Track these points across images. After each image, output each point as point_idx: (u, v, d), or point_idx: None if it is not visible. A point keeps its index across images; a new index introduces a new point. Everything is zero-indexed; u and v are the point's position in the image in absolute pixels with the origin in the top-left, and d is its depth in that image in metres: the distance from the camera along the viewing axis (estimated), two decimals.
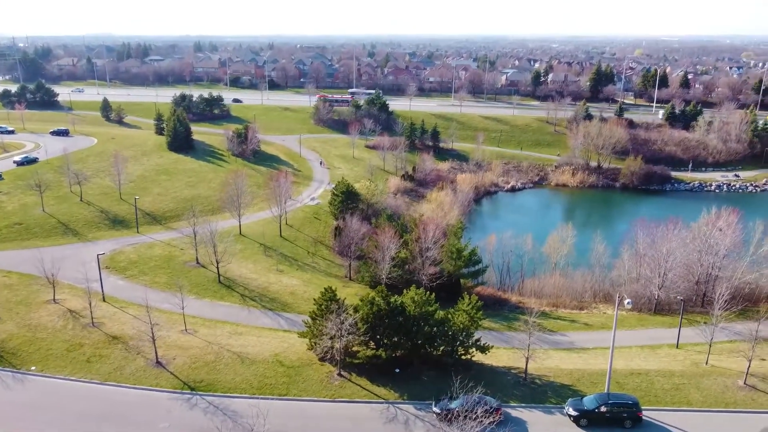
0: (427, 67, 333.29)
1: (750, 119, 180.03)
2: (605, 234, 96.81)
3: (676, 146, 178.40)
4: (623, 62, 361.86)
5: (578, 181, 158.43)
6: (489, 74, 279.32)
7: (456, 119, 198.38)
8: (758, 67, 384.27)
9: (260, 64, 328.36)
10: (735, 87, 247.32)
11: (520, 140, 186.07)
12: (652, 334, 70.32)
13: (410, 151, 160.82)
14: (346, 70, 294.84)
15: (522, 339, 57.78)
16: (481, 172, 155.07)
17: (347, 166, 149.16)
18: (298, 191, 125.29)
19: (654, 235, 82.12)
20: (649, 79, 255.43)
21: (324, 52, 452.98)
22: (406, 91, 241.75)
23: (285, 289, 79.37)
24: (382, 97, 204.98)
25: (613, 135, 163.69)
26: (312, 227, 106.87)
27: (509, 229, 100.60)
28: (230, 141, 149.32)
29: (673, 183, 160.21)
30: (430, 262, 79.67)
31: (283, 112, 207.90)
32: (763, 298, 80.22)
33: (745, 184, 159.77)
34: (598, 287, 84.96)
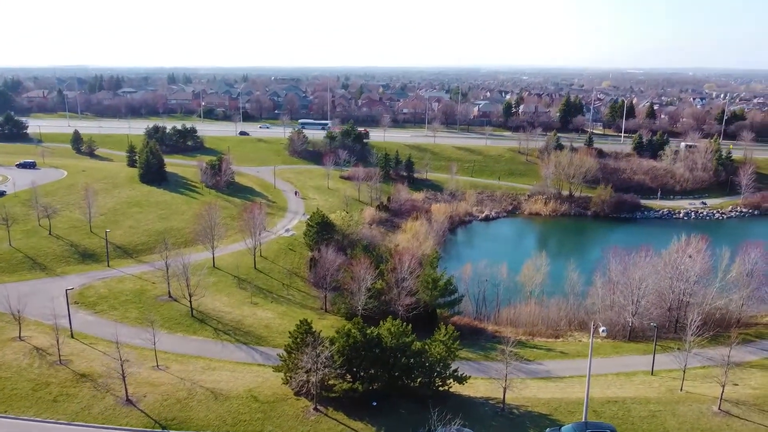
0: (401, 98, 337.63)
1: (714, 148, 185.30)
2: (578, 262, 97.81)
3: (645, 175, 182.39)
4: (591, 94, 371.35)
5: (551, 210, 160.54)
6: (461, 106, 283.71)
7: (430, 150, 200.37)
8: (720, 98, 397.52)
9: (234, 96, 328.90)
10: (699, 117, 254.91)
11: (493, 170, 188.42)
12: (627, 361, 70.74)
13: (385, 182, 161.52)
14: (320, 102, 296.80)
15: (499, 369, 57.59)
16: (456, 202, 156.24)
17: (322, 197, 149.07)
18: (273, 222, 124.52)
19: (626, 262, 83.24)
20: (616, 110, 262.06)
21: (298, 84, 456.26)
22: (380, 122, 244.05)
23: (259, 322, 78.20)
24: (357, 128, 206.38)
25: (584, 164, 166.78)
26: (287, 259, 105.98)
27: (484, 258, 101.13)
28: (204, 173, 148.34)
29: (643, 211, 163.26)
30: (406, 293, 79.41)
31: (258, 144, 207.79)
32: (734, 323, 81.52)
33: (712, 211, 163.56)
34: (573, 315, 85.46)
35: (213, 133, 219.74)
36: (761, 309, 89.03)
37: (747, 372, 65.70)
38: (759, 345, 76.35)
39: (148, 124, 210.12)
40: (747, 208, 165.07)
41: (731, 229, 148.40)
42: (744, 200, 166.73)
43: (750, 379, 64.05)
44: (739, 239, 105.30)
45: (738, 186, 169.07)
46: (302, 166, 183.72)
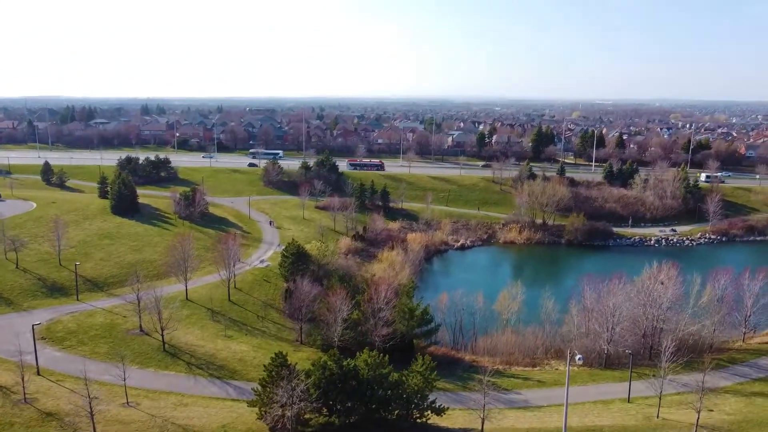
0: (376, 129, 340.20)
1: (682, 177, 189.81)
2: (554, 290, 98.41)
3: (616, 203, 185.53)
4: (562, 124, 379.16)
5: (525, 238, 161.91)
6: (436, 136, 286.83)
7: (405, 179, 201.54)
8: (686, 128, 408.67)
9: (209, 127, 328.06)
10: (666, 147, 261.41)
11: (467, 199, 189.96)
12: (603, 389, 70.87)
13: (360, 212, 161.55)
14: (295, 133, 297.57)
15: (477, 399, 57.20)
16: (431, 231, 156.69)
17: (297, 228, 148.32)
18: (248, 254, 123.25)
19: (600, 290, 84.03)
20: (587, 140, 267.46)
21: (273, 115, 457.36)
22: (355, 152, 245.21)
23: (234, 355, 76.74)
24: (332, 158, 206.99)
25: (556, 193, 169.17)
26: (262, 290, 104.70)
27: (461, 287, 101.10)
28: (177, 204, 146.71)
29: (615, 238, 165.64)
30: (383, 323, 78.83)
31: (232, 174, 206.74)
32: (707, 349, 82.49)
33: (682, 238, 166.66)
34: (549, 343, 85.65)
35: (187, 163, 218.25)
36: (732, 334, 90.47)
37: (721, 398, 66.28)
38: (732, 370, 77.31)
39: (121, 155, 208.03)
40: (715, 234, 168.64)
41: (701, 255, 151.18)
42: (712, 227, 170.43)
43: (725, 405, 64.61)
44: (708, 265, 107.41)
45: (706, 213, 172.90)
46: (277, 196, 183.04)
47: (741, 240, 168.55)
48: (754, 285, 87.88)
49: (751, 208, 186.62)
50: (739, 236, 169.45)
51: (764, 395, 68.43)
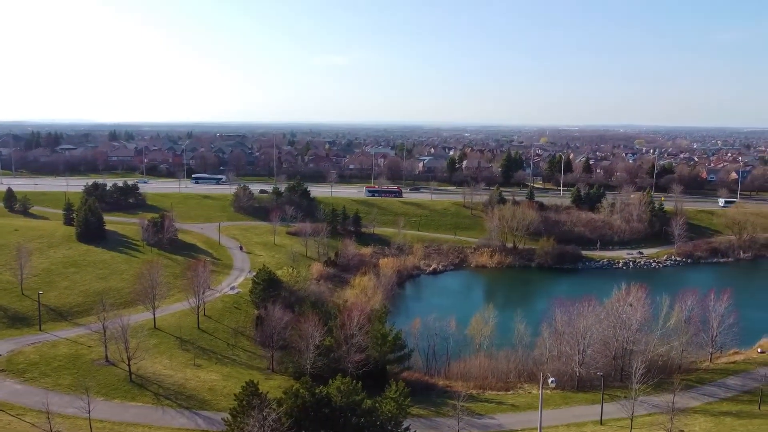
0: (347, 154, 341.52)
1: (647, 200, 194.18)
2: (525, 313, 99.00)
3: (584, 227, 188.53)
4: (530, 149, 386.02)
5: (496, 262, 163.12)
6: (407, 161, 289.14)
7: (377, 205, 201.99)
8: (650, 153, 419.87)
9: (178, 153, 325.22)
10: (632, 171, 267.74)
11: (439, 224, 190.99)
12: (576, 412, 71.12)
13: (332, 237, 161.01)
14: (266, 158, 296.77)
15: (451, 425, 56.91)
16: (403, 256, 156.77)
17: (268, 254, 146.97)
18: (218, 280, 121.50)
19: (571, 312, 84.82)
20: (555, 165, 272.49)
21: (244, 141, 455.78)
22: (327, 178, 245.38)
23: (203, 385, 75.06)
24: (303, 184, 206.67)
25: (526, 217, 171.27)
26: (232, 317, 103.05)
27: (433, 311, 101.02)
28: (145, 230, 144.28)
29: (584, 261, 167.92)
30: (356, 349, 78.18)
31: (202, 200, 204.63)
32: (676, 370, 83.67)
33: (649, 260, 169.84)
34: (522, 367, 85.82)
35: (156, 189, 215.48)
36: (700, 354, 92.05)
37: (691, 418, 67.06)
38: (700, 390, 78.45)
39: (88, 181, 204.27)
40: (681, 256, 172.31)
41: (667, 277, 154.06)
42: (677, 249, 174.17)
43: (694, 425, 65.35)
44: (675, 287, 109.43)
45: (671, 236, 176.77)
46: (248, 222, 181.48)
47: (705, 262, 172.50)
48: (720, 306, 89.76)
49: (714, 231, 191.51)
50: (703, 258, 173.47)
51: (732, 414, 69.45)
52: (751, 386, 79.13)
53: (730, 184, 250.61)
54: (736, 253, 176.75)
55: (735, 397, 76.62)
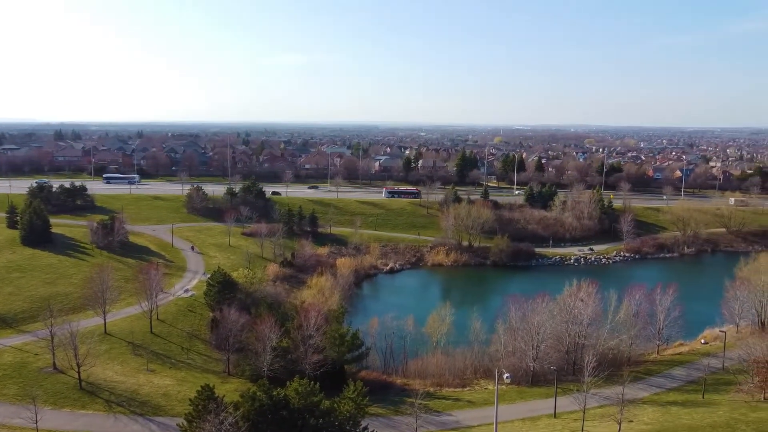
0: (303, 154, 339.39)
1: (597, 198, 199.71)
2: (481, 310, 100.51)
3: (537, 224, 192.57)
4: (485, 149, 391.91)
5: (452, 261, 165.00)
6: (363, 161, 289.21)
7: (333, 204, 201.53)
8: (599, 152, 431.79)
9: (128, 153, 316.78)
10: (582, 170, 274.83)
11: (395, 223, 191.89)
12: (531, 406, 72.66)
13: (289, 238, 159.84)
14: (220, 158, 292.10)
15: (409, 423, 57.38)
16: (360, 256, 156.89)
17: (223, 255, 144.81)
18: (171, 283, 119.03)
19: (525, 309, 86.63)
20: (508, 164, 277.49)
21: (197, 140, 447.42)
22: (282, 178, 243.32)
23: (157, 390, 73.46)
24: (258, 184, 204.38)
25: (481, 216, 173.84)
26: (186, 321, 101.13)
27: (391, 311, 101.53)
28: (94, 233, 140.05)
29: (537, 258, 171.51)
30: (314, 350, 77.90)
31: (154, 201, 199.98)
32: (625, 362, 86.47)
33: (599, 257, 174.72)
34: (478, 363, 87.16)
35: (105, 191, 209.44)
36: (648, 347, 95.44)
37: (640, 408, 69.39)
38: (648, 381, 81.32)
39: (32, 182, 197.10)
40: (629, 253, 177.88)
41: (617, 272, 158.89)
42: (626, 245, 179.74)
43: (643, 415, 67.64)
44: (624, 282, 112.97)
45: (620, 233, 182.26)
46: (202, 223, 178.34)
47: (652, 257, 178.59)
48: (666, 299, 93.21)
49: (660, 227, 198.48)
50: (650, 254, 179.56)
51: (678, 404, 72.22)
52: (695, 376, 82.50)
53: (675, 182, 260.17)
54: (680, 248, 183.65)
55: (680, 387, 79.72)
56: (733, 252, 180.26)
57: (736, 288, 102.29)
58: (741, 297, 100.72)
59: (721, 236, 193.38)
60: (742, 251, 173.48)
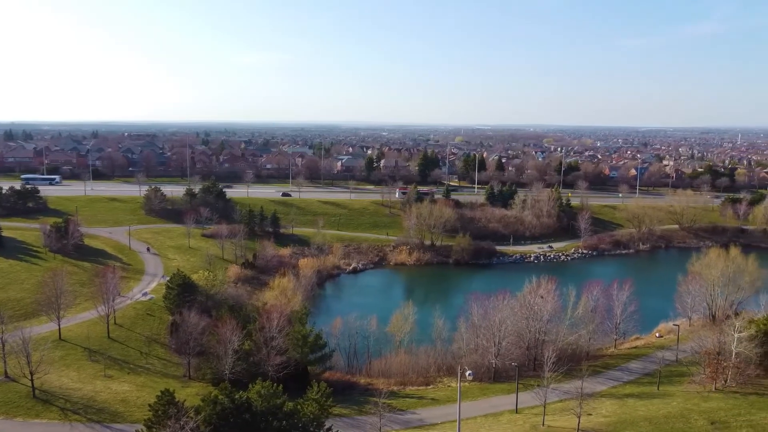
0: (264, 154, 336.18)
1: (555, 197, 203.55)
2: (444, 309, 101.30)
3: (498, 223, 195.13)
4: (446, 148, 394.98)
5: (415, 260, 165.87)
6: (325, 161, 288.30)
7: (295, 205, 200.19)
8: (557, 151, 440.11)
9: (83, 153, 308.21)
10: (541, 169, 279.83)
11: (358, 223, 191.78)
12: (493, 402, 73.60)
13: (250, 239, 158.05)
14: (179, 158, 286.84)
15: (374, 422, 57.45)
16: (323, 256, 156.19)
17: (183, 257, 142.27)
18: (129, 287, 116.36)
19: (486, 306, 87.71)
20: (469, 163, 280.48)
21: (154, 140, 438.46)
22: (243, 178, 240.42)
23: (115, 396, 71.68)
24: (218, 184, 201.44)
25: (443, 215, 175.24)
26: (145, 325, 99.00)
27: (354, 310, 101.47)
28: (47, 236, 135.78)
29: (498, 256, 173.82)
30: (276, 352, 77.27)
31: (110, 203, 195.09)
32: (584, 357, 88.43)
33: (558, 254, 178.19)
34: (441, 361, 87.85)
35: (58, 192, 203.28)
36: (605, 341, 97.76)
37: (598, 401, 71.00)
38: (606, 375, 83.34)
39: None
40: (587, 249, 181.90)
41: (575, 269, 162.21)
42: (584, 243, 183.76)
43: (601, 408, 69.23)
44: (582, 278, 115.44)
45: (578, 230, 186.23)
46: (161, 225, 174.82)
47: (609, 254, 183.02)
48: (622, 295, 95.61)
49: (616, 225, 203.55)
50: (607, 250, 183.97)
51: (635, 396, 74.20)
52: (650, 369, 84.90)
53: (630, 180, 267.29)
54: (636, 244, 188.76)
55: (637, 380, 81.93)
56: (685, 248, 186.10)
57: (689, 283, 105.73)
58: (693, 291, 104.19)
59: (674, 233, 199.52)
60: (693, 247, 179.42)
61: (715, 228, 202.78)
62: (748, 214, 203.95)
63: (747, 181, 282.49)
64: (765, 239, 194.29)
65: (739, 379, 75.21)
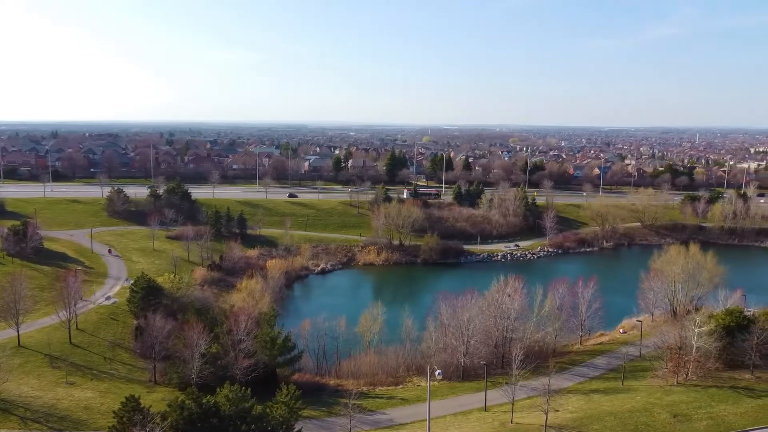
0: (230, 154, 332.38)
1: (521, 196, 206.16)
2: (412, 308, 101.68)
3: (466, 222, 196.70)
4: (414, 148, 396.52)
5: (383, 260, 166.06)
6: (292, 161, 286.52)
7: (262, 205, 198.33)
8: (523, 151, 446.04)
9: (42, 154, 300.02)
10: (507, 168, 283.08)
11: (326, 223, 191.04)
12: (462, 401, 74.13)
13: (216, 240, 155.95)
14: (142, 159, 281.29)
15: (343, 424, 57.30)
16: (291, 257, 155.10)
17: (147, 260, 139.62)
18: (91, 291, 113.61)
19: (455, 305, 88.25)
20: (437, 163, 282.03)
21: (117, 141, 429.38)
22: (209, 178, 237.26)
23: (77, 404, 69.90)
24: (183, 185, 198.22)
25: (411, 215, 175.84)
26: (109, 329, 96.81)
27: (323, 311, 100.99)
28: (5, 239, 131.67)
29: (466, 255, 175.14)
30: (244, 355, 76.39)
31: (71, 205, 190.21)
32: (551, 354, 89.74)
33: (524, 252, 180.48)
34: (410, 361, 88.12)
35: (17, 194, 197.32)
36: (571, 338, 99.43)
37: (565, 398, 72.19)
38: (573, 371, 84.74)
39: None
40: (552, 248, 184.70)
41: (541, 267, 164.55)
42: (549, 241, 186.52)
43: (568, 404, 70.41)
44: (548, 277, 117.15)
45: (543, 229, 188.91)
46: (124, 227, 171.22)
47: (574, 252, 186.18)
48: (587, 292, 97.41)
49: (581, 223, 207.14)
50: (572, 248, 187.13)
51: (600, 392, 75.64)
52: (615, 364, 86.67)
53: (594, 179, 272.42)
54: (600, 242, 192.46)
55: (602, 375, 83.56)
56: (647, 245, 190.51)
57: (651, 279, 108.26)
58: (655, 288, 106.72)
59: (636, 230, 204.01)
60: (655, 244, 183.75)
61: (676, 225, 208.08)
62: (707, 211, 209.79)
63: (705, 180, 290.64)
64: (723, 236, 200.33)
65: (700, 372, 77.40)
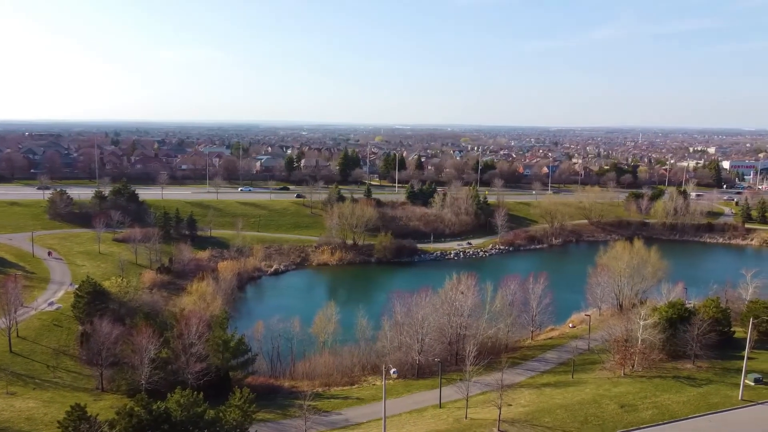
0: (179, 154, 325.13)
1: (473, 194, 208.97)
2: (367, 308, 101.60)
3: (419, 221, 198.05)
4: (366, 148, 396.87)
5: (337, 259, 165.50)
6: (243, 161, 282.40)
7: (213, 206, 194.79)
8: (474, 150, 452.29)
9: None
10: (459, 168, 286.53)
11: (279, 224, 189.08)
12: (417, 398, 74.62)
13: (165, 242, 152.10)
14: (86, 159, 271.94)
15: (299, 425, 56.82)
16: (243, 258, 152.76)
17: (93, 263, 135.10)
18: (32, 296, 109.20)
19: (409, 303, 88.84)
20: (390, 163, 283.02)
21: (59, 140, 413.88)
22: (157, 179, 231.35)
23: (19, 414, 67.04)
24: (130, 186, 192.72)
25: (365, 214, 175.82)
26: (52, 336, 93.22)
27: (276, 313, 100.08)
28: None
29: (419, 254, 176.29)
30: (196, 359, 74.82)
31: (10, 208, 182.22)
32: (503, 349, 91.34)
33: (477, 250, 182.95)
34: (365, 360, 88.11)
35: None
36: (523, 334, 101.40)
37: (518, 392, 73.56)
38: (525, 366, 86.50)
39: None
40: (504, 245, 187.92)
41: (493, 265, 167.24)
42: (501, 239, 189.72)
43: (521, 398, 71.77)
44: (500, 274, 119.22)
45: (495, 227, 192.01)
46: (68, 230, 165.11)
47: (524, 249, 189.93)
48: (537, 288, 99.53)
49: (531, 221, 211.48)
50: (523, 246, 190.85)
51: (551, 385, 77.42)
52: (565, 358, 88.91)
53: (543, 178, 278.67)
54: (549, 239, 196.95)
55: (553, 369, 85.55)
56: (594, 241, 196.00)
57: (598, 274, 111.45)
58: (602, 282, 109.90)
59: (583, 227, 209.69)
60: (601, 240, 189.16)
61: (621, 222, 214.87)
62: (650, 208, 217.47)
63: (648, 178, 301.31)
64: (665, 232, 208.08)
65: (645, 363, 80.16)
